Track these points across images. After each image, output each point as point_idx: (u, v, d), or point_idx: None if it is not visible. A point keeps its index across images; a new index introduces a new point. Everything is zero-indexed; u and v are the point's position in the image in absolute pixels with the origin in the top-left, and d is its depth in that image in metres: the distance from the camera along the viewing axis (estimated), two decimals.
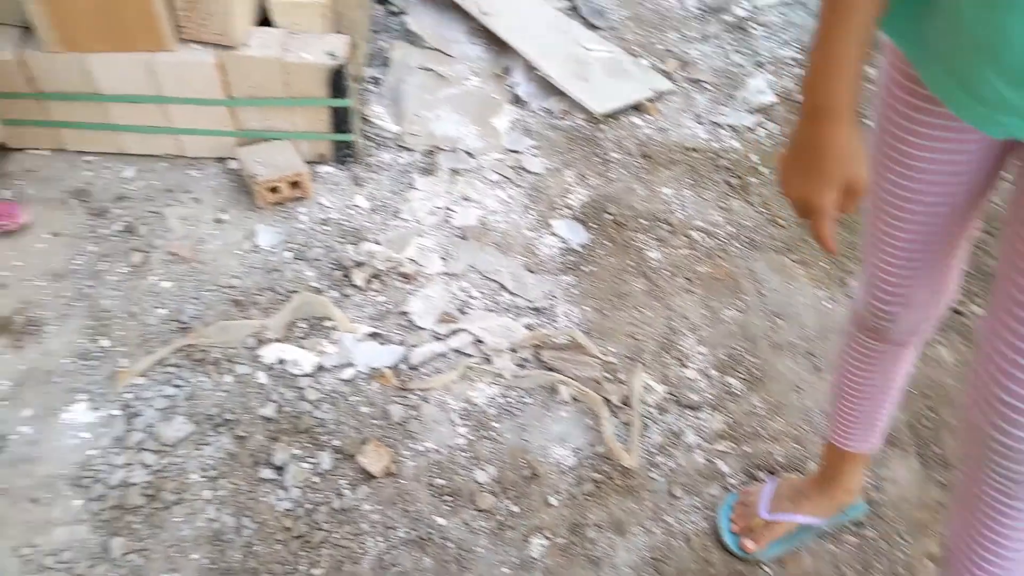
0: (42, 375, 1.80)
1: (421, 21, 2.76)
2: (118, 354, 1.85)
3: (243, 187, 2.27)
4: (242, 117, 2.26)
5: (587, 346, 1.97)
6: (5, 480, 1.62)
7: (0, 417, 1.71)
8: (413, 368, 1.91)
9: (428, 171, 2.42)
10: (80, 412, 1.73)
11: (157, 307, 1.96)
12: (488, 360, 1.94)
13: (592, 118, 2.63)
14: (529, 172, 2.46)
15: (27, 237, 2.07)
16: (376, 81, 2.68)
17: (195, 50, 2.14)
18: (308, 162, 2.32)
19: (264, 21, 2.27)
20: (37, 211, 2.13)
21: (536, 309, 2.07)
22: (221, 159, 2.34)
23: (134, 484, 1.63)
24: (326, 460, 1.71)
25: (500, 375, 1.90)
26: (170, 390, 1.79)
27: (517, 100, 2.69)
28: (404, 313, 2.02)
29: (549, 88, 2.68)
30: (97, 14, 2.02)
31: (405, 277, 2.12)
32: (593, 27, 2.99)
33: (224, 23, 2.09)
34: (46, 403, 1.75)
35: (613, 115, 2.65)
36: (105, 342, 1.88)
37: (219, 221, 2.18)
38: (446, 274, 2.15)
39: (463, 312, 2.04)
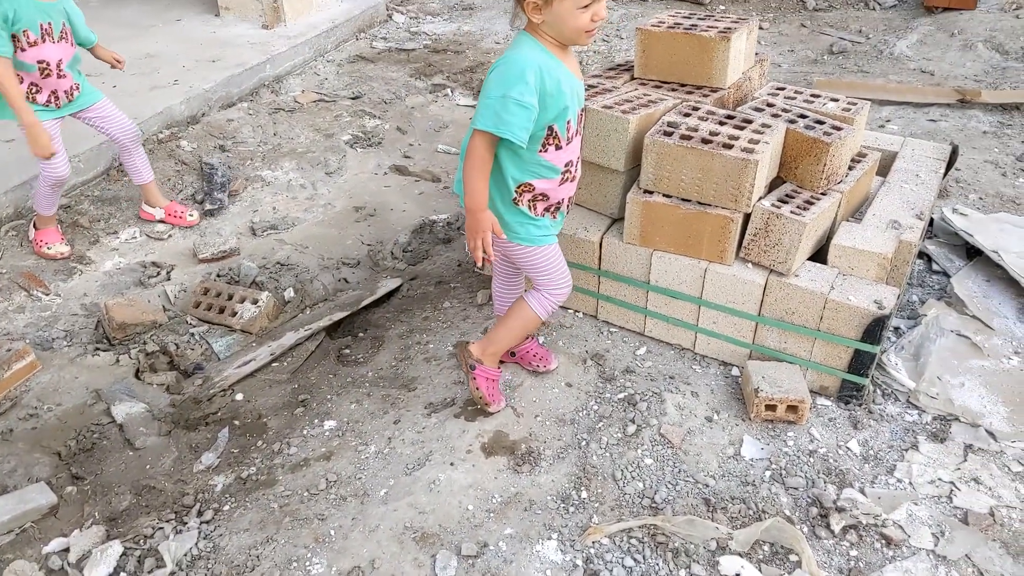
0: (527, 502, 1.99)
1: (966, 286, 2.60)
2: (592, 509, 1.97)
3: (739, 395, 2.32)
4: (763, 334, 2.34)
5: None
6: None
7: (488, 527, 1.91)
8: None
9: (937, 438, 2.20)
10: (550, 549, 1.86)
11: (636, 479, 2.05)
12: None
13: None
14: None
15: (548, 380, 2.37)
16: (898, 331, 2.57)
17: (748, 269, 2.32)
18: (810, 390, 2.29)
19: (817, 256, 2.36)
20: (561, 361, 2.43)
21: None
22: (726, 364, 2.44)
23: None
24: None
25: None
26: (629, 561, 1.83)
27: None
28: None
29: None
30: (679, 226, 2.33)
31: (887, 540, 1.91)
32: None
33: (786, 255, 2.24)
34: (525, 529, 1.92)
35: None
36: (584, 493, 2.01)
37: (710, 419, 2.24)
38: (935, 554, 1.88)
39: None
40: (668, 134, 2.31)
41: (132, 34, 4.89)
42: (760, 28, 5.52)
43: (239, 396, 2.42)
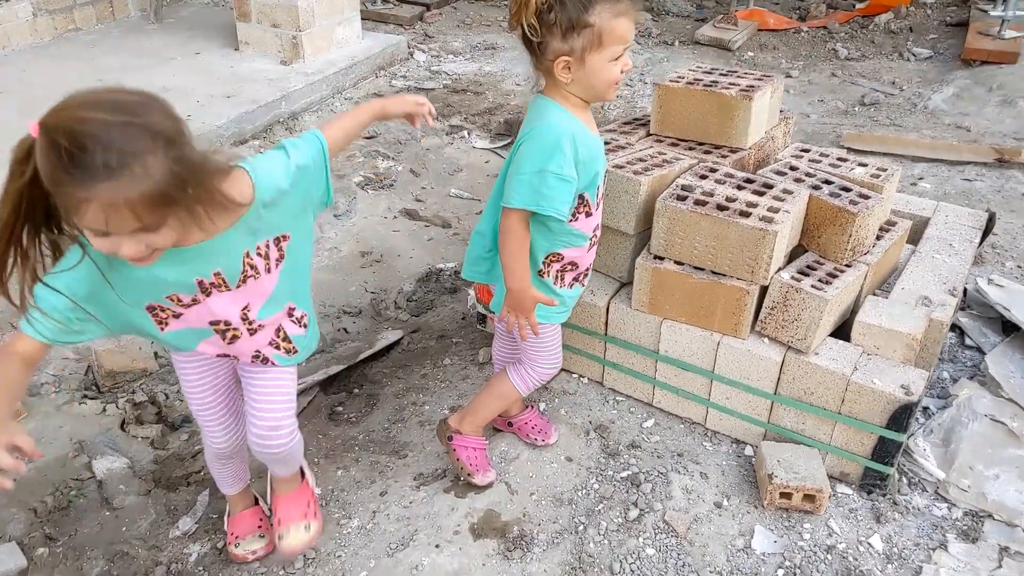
0: None
1: (1002, 366, 2.43)
2: None
3: (751, 477, 2.16)
4: (779, 413, 2.19)
5: None
6: None
7: None
8: None
9: (968, 537, 2.02)
10: None
11: (635, 572, 1.90)
12: None
13: None
14: None
15: (547, 453, 2.23)
16: (927, 411, 2.40)
17: (764, 344, 2.16)
18: (829, 475, 2.12)
19: (840, 332, 2.20)
20: (562, 432, 2.29)
21: None
22: (739, 442, 2.28)
23: None
24: None
25: None
26: None
27: None
28: None
29: None
30: (691, 296, 2.19)
31: None
32: None
33: (805, 332, 2.09)
34: None
35: None
36: None
37: (719, 505, 2.08)
38: None
39: None
40: (682, 198, 2.18)
41: (152, 64, 4.88)
42: (788, 76, 5.40)
43: None
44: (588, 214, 1.86)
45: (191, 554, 2.01)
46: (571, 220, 1.82)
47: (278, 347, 1.68)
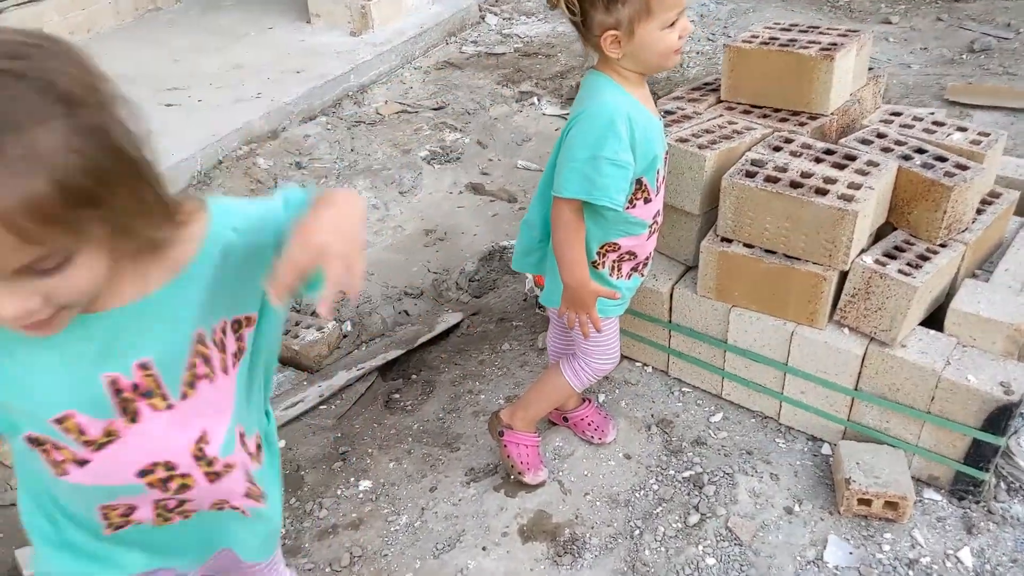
0: None
1: None
2: None
3: (828, 480, 1.99)
4: (860, 410, 1.99)
5: None
6: None
7: None
8: None
9: None
10: None
11: None
12: None
13: None
14: None
15: (604, 450, 2.11)
16: None
17: (844, 335, 1.97)
18: (915, 478, 1.93)
19: (932, 320, 1.98)
20: (622, 427, 2.16)
21: None
22: (816, 439, 2.10)
23: None
24: None
25: None
26: None
27: None
28: None
29: None
30: (761, 281, 2.00)
31: None
32: None
33: (891, 322, 1.88)
34: None
35: None
36: None
37: (789, 511, 1.92)
38: None
39: None
40: (751, 175, 1.99)
41: (226, 43, 4.90)
42: (888, 23, 4.97)
43: (281, 443, 2.29)
44: (647, 200, 1.70)
45: None
46: (628, 207, 1.67)
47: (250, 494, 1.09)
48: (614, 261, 1.77)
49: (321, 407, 2.42)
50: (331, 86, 4.34)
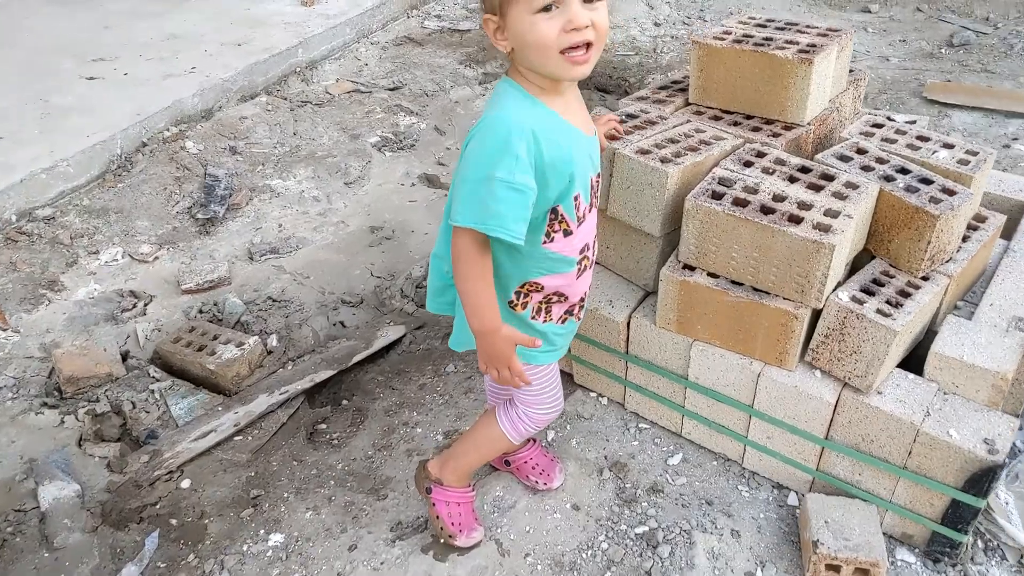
0: None
1: None
2: None
3: (793, 536, 1.80)
4: (831, 460, 1.80)
5: None
6: None
7: None
8: None
9: None
10: None
11: None
12: None
13: None
14: None
15: (550, 500, 1.90)
16: (1013, 450, 1.97)
17: (815, 379, 1.77)
18: (888, 535, 1.75)
19: (910, 363, 1.79)
20: (571, 471, 1.95)
21: None
22: (781, 487, 1.91)
23: None
24: None
25: None
26: None
27: None
28: None
29: None
30: (726, 315, 1.80)
31: None
32: None
33: (867, 368, 1.68)
34: None
35: None
36: None
37: None
38: None
39: None
40: (718, 196, 1.76)
41: (165, 8, 4.55)
42: (867, 11, 4.76)
43: (185, 483, 2.04)
44: (567, 232, 1.43)
45: None
46: (545, 241, 1.42)
47: None
48: (540, 303, 1.51)
49: (236, 438, 2.17)
50: (276, 61, 4.03)
